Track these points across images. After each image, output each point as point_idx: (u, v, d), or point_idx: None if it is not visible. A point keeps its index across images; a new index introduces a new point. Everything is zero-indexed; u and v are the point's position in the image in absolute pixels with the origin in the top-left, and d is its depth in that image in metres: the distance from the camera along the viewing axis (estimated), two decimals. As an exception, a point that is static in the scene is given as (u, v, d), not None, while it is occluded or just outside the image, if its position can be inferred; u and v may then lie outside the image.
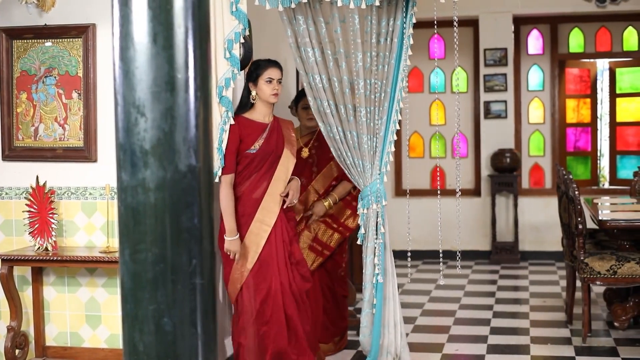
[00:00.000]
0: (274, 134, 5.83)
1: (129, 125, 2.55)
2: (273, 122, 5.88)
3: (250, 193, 5.76)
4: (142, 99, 2.53)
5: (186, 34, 2.57)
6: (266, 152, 5.76)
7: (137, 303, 2.60)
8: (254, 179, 5.77)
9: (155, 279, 2.59)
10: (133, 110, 2.54)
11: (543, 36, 12.01)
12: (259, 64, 5.81)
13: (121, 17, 2.55)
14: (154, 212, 2.58)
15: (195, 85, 2.59)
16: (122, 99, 2.56)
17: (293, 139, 5.98)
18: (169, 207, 2.58)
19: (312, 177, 6.78)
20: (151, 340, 2.61)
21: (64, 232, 6.40)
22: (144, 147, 2.54)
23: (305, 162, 6.74)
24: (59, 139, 6.35)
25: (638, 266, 6.95)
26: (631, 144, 12.10)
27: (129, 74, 2.53)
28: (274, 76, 5.76)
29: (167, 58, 2.54)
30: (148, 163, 2.55)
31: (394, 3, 5.76)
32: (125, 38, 2.54)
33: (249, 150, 5.73)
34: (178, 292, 2.60)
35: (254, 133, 5.76)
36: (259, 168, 5.78)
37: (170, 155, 2.56)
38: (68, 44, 6.30)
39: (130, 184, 2.57)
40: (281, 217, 5.82)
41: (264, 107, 5.84)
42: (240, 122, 5.74)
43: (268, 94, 5.75)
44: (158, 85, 2.53)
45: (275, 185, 5.79)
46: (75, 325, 6.45)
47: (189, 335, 2.63)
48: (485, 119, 11.66)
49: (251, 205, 5.75)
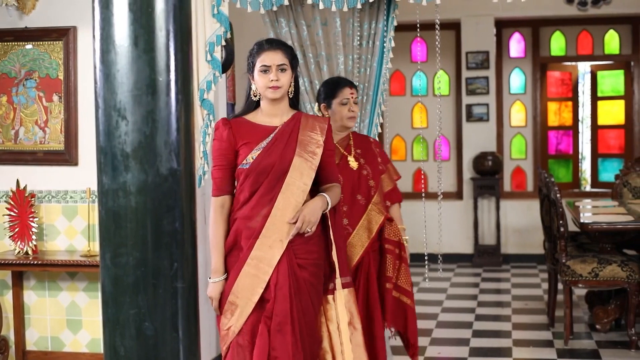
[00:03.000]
0: (282, 140, 4.34)
1: (109, 129, 2.54)
2: (287, 123, 4.40)
3: (246, 220, 4.27)
4: (123, 102, 2.52)
5: (167, 37, 2.56)
6: (264, 166, 4.28)
7: (118, 307, 2.59)
8: (252, 202, 4.28)
9: (137, 283, 2.58)
10: (114, 114, 2.53)
11: (525, 39, 12.03)
12: (253, 47, 4.43)
13: (102, 19, 2.54)
14: (135, 215, 2.57)
15: (177, 89, 2.58)
16: (103, 102, 2.55)
17: (315, 140, 4.42)
18: (150, 211, 2.57)
19: (370, 194, 5.15)
20: (132, 345, 2.60)
21: (45, 236, 6.37)
22: (125, 150, 2.53)
23: (359, 176, 5.14)
24: (40, 142, 6.32)
25: (619, 269, 6.96)
26: (612, 147, 12.13)
27: (110, 77, 2.52)
28: (270, 62, 4.31)
29: (148, 61, 2.53)
30: (129, 166, 2.54)
31: (375, 6, 5.76)
32: (106, 41, 2.53)
33: (242, 164, 4.30)
34: (159, 296, 2.59)
35: (254, 140, 4.33)
36: (256, 188, 4.28)
37: (152, 159, 2.55)
38: (49, 46, 6.27)
39: (111, 188, 2.56)
40: (289, 255, 4.24)
41: (270, 106, 4.40)
42: (236, 126, 4.37)
43: (263, 86, 4.32)
44: (139, 89, 2.52)
45: (279, 210, 4.26)
46: (56, 329, 6.41)
47: (170, 339, 2.62)
48: (467, 122, 11.66)
49: (247, 236, 4.25)
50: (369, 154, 5.22)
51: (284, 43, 4.47)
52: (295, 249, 4.27)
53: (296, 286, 4.22)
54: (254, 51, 4.39)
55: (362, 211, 5.11)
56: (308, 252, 4.32)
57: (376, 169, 5.21)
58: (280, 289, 4.18)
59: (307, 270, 4.30)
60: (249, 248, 4.22)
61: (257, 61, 4.35)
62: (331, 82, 5.22)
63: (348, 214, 5.04)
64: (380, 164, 5.25)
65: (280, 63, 4.32)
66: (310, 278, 4.31)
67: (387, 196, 5.30)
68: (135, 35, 2.55)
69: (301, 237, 4.27)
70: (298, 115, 4.45)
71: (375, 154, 5.25)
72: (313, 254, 4.35)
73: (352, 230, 5.04)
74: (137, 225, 2.60)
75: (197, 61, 5.48)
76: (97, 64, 2.59)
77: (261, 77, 4.32)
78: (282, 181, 4.28)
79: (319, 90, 5.20)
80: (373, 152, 5.25)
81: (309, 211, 4.26)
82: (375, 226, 5.10)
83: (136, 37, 2.55)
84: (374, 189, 5.15)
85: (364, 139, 5.33)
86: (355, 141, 5.23)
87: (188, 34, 2.66)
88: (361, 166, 5.15)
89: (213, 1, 5.52)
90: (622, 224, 7.17)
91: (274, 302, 4.17)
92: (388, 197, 5.31)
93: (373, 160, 5.22)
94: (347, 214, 5.04)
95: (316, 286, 4.35)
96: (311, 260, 4.33)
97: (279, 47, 4.39)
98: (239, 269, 4.22)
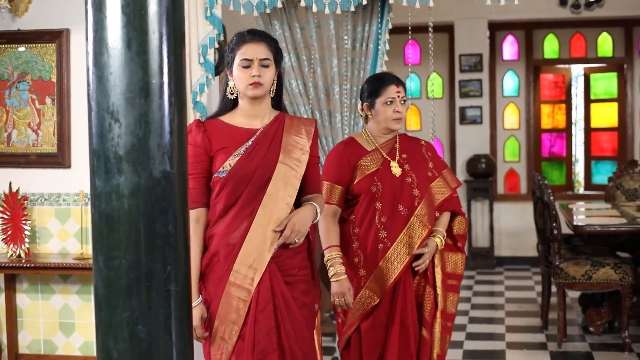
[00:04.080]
0: (263, 144, 3.83)
1: (102, 131, 2.53)
2: (270, 125, 3.89)
3: (223, 237, 3.77)
4: (116, 104, 2.51)
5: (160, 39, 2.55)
6: (244, 174, 3.76)
7: (111, 310, 2.58)
8: (230, 216, 3.78)
9: (130, 285, 2.57)
10: (107, 116, 2.52)
11: (518, 42, 12.05)
12: (232, 39, 3.90)
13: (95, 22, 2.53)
14: (128, 218, 2.56)
15: (170, 91, 2.57)
16: (96, 104, 2.54)
17: (300, 146, 3.91)
18: (143, 214, 2.56)
19: (414, 205, 4.61)
20: (125, 348, 2.59)
21: (37, 238, 6.35)
22: (118, 153, 2.53)
23: (402, 184, 4.63)
24: (32, 145, 6.31)
25: (613, 271, 6.97)
26: (606, 149, 12.15)
27: (103, 80, 2.51)
28: (252, 55, 3.79)
29: (141, 64, 2.52)
30: (122, 169, 2.53)
31: (369, 9, 5.76)
32: (99, 43, 2.52)
33: (218, 172, 3.79)
34: (152, 299, 2.58)
35: (232, 145, 3.81)
36: (235, 199, 3.77)
37: (145, 162, 2.54)
38: (42, 49, 6.26)
39: (104, 190, 2.55)
40: (272, 272, 3.77)
41: (250, 105, 3.87)
42: (211, 129, 3.86)
43: (244, 83, 3.80)
44: (132, 91, 2.51)
45: (260, 225, 3.75)
46: (49, 332, 6.40)
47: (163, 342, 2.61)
48: (460, 124, 11.67)
49: (225, 254, 3.77)
50: (417, 158, 4.71)
51: (268, 35, 3.92)
52: (281, 264, 3.79)
53: (285, 306, 3.76)
54: (234, 43, 3.85)
55: (403, 224, 4.59)
56: (296, 267, 3.85)
57: (423, 176, 4.67)
58: (262, 311, 3.72)
59: (297, 288, 3.83)
60: (229, 268, 3.73)
61: (237, 54, 3.81)
62: (375, 78, 4.76)
63: (387, 226, 4.55)
64: (430, 170, 4.72)
65: (263, 57, 3.79)
66: (301, 297, 3.84)
67: (441, 205, 4.73)
68: (128, 38, 2.54)
69: (286, 250, 3.79)
70: (281, 116, 3.94)
71: (425, 158, 4.74)
72: (302, 270, 3.89)
73: (390, 244, 4.54)
74: (130, 228, 2.59)
75: (190, 64, 5.48)
76: (89, 67, 2.58)
77: (241, 72, 3.79)
78: (264, 191, 3.76)
79: (362, 87, 4.74)
80: (423, 156, 4.74)
81: (299, 219, 3.78)
82: (418, 241, 4.57)
83: (129, 39, 2.54)
84: (419, 199, 4.61)
85: (413, 142, 4.81)
86: (402, 145, 4.73)
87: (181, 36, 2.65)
88: (405, 173, 4.63)
89: (206, 4, 5.52)
90: (615, 227, 7.18)
91: (253, 326, 3.71)
92: (442, 206, 4.74)
93: (421, 166, 4.70)
94: (386, 225, 4.55)
95: (309, 305, 3.90)
96: (300, 277, 3.86)
97: (263, 39, 3.84)
98: (220, 292, 3.73)
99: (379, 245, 4.54)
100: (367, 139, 4.70)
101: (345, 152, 4.67)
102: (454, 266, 4.79)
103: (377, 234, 4.54)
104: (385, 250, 4.54)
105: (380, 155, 4.65)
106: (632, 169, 9.01)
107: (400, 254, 4.55)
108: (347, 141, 4.76)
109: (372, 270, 4.55)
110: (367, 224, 4.58)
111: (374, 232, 4.55)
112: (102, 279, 2.59)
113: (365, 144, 4.70)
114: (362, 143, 4.70)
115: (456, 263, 4.79)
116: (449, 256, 4.80)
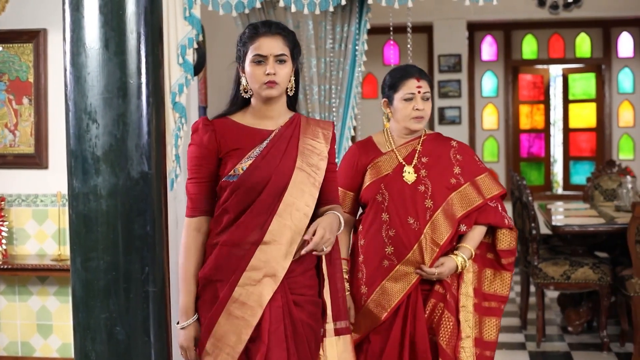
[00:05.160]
0: (279, 147, 3.42)
1: (80, 132, 2.52)
2: (286, 127, 3.48)
3: (230, 247, 3.33)
4: (93, 105, 2.50)
5: (138, 39, 2.54)
6: (257, 180, 3.33)
7: (89, 312, 2.57)
8: (239, 225, 3.33)
9: (107, 287, 2.56)
10: (84, 117, 2.51)
11: (497, 42, 12.08)
12: (244, 31, 3.47)
13: (72, 22, 2.52)
14: (105, 219, 2.55)
15: (148, 92, 2.56)
16: (74, 105, 2.53)
17: (318, 151, 3.49)
18: (121, 215, 2.55)
19: (426, 218, 3.99)
20: (103, 350, 2.58)
21: (15, 240, 6.31)
22: (95, 153, 2.51)
23: (414, 192, 4.03)
24: (9, 145, 6.26)
25: (591, 271, 6.99)
26: (584, 149, 12.20)
27: (81, 80, 2.50)
28: (267, 50, 3.37)
29: (119, 64, 2.51)
30: (100, 170, 2.52)
31: (348, 9, 5.76)
32: (76, 43, 2.50)
33: (228, 176, 3.35)
34: (130, 300, 2.57)
35: (245, 147, 3.40)
36: (245, 207, 3.34)
37: (122, 162, 2.53)
38: (19, 49, 6.22)
39: (81, 191, 2.54)
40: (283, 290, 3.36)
41: (264, 106, 3.46)
42: (221, 128, 3.43)
43: (258, 81, 3.37)
44: (110, 92, 2.50)
45: (274, 237, 3.32)
46: (27, 334, 6.36)
47: (142, 343, 2.60)
48: (439, 124, 11.68)
49: (229, 267, 3.32)
50: (440, 163, 4.08)
51: (285, 27, 3.47)
52: (291, 282, 3.37)
53: (292, 329, 3.34)
54: (246, 36, 3.43)
55: (415, 239, 3.98)
56: (305, 287, 3.43)
57: (443, 183, 4.03)
58: (274, 332, 3.29)
59: (305, 310, 3.41)
60: (233, 283, 3.29)
61: (250, 49, 3.39)
62: (396, 70, 4.14)
63: (395, 241, 3.99)
64: (455, 176, 4.07)
65: (279, 53, 3.37)
66: (308, 320, 3.41)
67: (468, 217, 4.06)
68: (106, 38, 2.53)
69: (298, 266, 3.38)
70: (297, 117, 3.53)
71: (451, 162, 4.10)
72: (311, 290, 3.46)
73: (396, 261, 3.98)
74: (108, 229, 2.58)
75: (168, 64, 5.46)
76: (67, 67, 2.56)
77: (254, 69, 3.37)
78: (279, 200, 3.33)
79: (383, 80, 4.20)
80: (449, 160, 4.10)
81: (328, 225, 3.33)
82: (429, 260, 3.96)
83: (107, 39, 2.53)
84: (431, 211, 3.97)
85: (441, 143, 4.18)
86: (426, 146, 4.12)
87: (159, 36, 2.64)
88: (419, 180, 4.02)
89: (185, 4, 5.50)
90: (593, 227, 7.20)
91: (267, 349, 3.26)
92: (471, 218, 4.07)
93: (443, 172, 4.07)
94: (394, 240, 3.99)
95: (314, 329, 3.46)
96: (308, 298, 3.44)
97: (278, 32, 3.42)
98: (220, 309, 3.29)
99: (384, 262, 4.00)
100: (386, 139, 4.16)
101: (355, 153, 4.17)
102: (496, 286, 4.18)
103: (383, 249, 4.00)
104: (391, 268, 3.99)
105: (395, 158, 4.09)
106: (610, 169, 9.04)
107: (408, 273, 3.98)
108: (363, 141, 4.23)
109: (374, 289, 4.02)
110: (372, 237, 4.04)
111: (380, 246, 4.01)
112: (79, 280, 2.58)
113: (382, 144, 4.16)
114: (378, 143, 4.17)
115: (499, 282, 4.18)
116: (488, 274, 4.19)
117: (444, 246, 3.99)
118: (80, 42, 2.55)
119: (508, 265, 4.17)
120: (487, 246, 4.20)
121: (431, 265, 3.95)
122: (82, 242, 2.61)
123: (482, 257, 4.18)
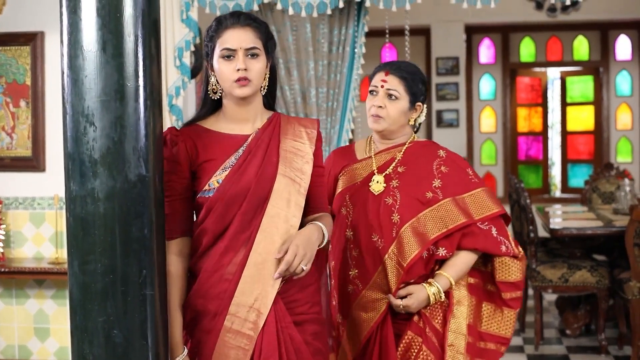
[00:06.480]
0: (257, 153, 3.00)
1: (77, 135, 2.51)
2: (263, 129, 3.06)
3: (214, 271, 2.94)
4: (91, 107, 2.49)
5: (136, 42, 2.53)
6: (236, 192, 2.94)
7: (86, 315, 2.56)
8: (220, 247, 2.95)
9: (105, 290, 2.55)
10: (82, 120, 2.50)
11: (495, 45, 12.09)
12: (212, 24, 3.04)
13: (70, 25, 2.51)
14: (103, 222, 2.54)
15: (145, 94, 2.55)
16: (71, 107, 2.52)
17: (302, 153, 3.07)
18: (118, 218, 2.54)
19: (392, 235, 3.40)
20: (101, 353, 2.57)
21: (12, 243, 6.30)
22: (93, 156, 2.51)
23: (379, 204, 3.46)
24: (7, 148, 6.26)
25: (589, 274, 6.99)
26: (582, 152, 12.20)
27: (78, 83, 2.49)
28: (236, 44, 2.94)
29: (117, 66, 2.50)
30: (97, 173, 2.51)
31: (345, 12, 5.75)
32: (74, 46, 2.50)
33: (203, 192, 2.97)
34: (128, 303, 2.56)
35: (218, 157, 3.00)
36: (225, 226, 2.95)
37: (120, 165, 2.52)
38: (16, 51, 6.21)
39: (79, 194, 2.53)
40: (277, 312, 2.96)
41: (237, 107, 3.03)
42: (192, 137, 3.03)
43: (228, 79, 2.95)
44: (107, 94, 2.49)
45: (260, 255, 2.93)
46: (24, 337, 6.35)
47: (139, 347, 2.59)
48: (437, 127, 11.68)
49: (217, 296, 2.94)
50: (418, 173, 3.51)
51: (256, 18, 3.03)
52: (289, 300, 2.99)
53: (295, 354, 2.95)
54: (212, 29, 3.02)
55: (379, 260, 3.41)
56: (307, 303, 3.05)
57: (415, 196, 3.43)
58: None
59: (307, 330, 3.03)
60: (223, 311, 2.91)
61: (217, 43, 2.98)
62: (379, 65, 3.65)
63: (359, 262, 3.46)
64: (433, 190, 3.45)
65: (250, 46, 2.94)
66: (313, 341, 3.04)
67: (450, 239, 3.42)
68: (104, 41, 2.52)
69: (294, 282, 2.99)
70: (276, 117, 3.11)
71: (431, 174, 3.50)
72: (314, 307, 3.09)
73: (362, 286, 3.46)
74: (106, 232, 2.57)
75: (165, 67, 5.46)
76: (64, 70, 2.55)
77: (223, 65, 2.95)
78: (262, 213, 2.94)
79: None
80: (429, 171, 3.51)
81: (303, 240, 2.91)
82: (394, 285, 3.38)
83: (104, 42, 2.52)
84: (397, 227, 3.37)
85: (427, 151, 3.63)
86: (408, 154, 3.57)
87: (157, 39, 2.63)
88: (387, 191, 3.45)
89: (182, 6, 5.50)
90: (591, 230, 7.20)
91: None
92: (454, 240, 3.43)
93: (420, 184, 3.47)
94: (358, 261, 3.46)
95: (322, 351, 3.08)
96: (312, 316, 3.06)
97: (248, 23, 2.98)
98: (213, 341, 2.93)
99: (349, 288, 3.50)
100: (367, 145, 3.65)
101: (330, 160, 3.69)
102: (495, 325, 3.57)
103: (348, 272, 3.49)
104: (356, 294, 3.47)
105: (370, 166, 3.56)
106: (608, 172, 9.04)
107: (376, 300, 3.43)
108: (344, 147, 3.82)
109: (347, 318, 3.52)
110: (337, 258, 3.54)
111: (344, 269, 3.51)
112: (77, 283, 2.57)
113: (361, 150, 3.65)
114: (357, 149, 3.67)
115: (499, 320, 3.56)
116: (487, 309, 3.58)
117: (415, 270, 3.39)
118: (77, 45, 2.55)
119: (511, 301, 3.53)
120: (487, 276, 3.59)
121: (395, 291, 3.37)
122: (80, 245, 2.60)
123: (480, 289, 3.58)
